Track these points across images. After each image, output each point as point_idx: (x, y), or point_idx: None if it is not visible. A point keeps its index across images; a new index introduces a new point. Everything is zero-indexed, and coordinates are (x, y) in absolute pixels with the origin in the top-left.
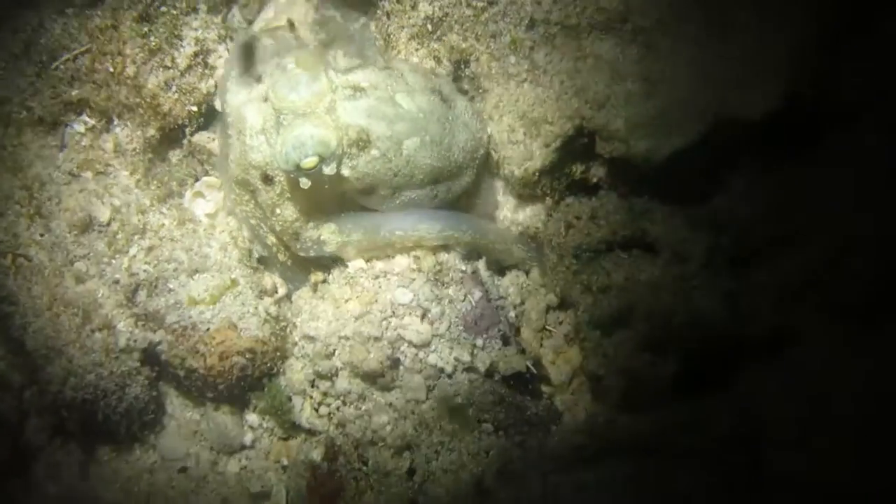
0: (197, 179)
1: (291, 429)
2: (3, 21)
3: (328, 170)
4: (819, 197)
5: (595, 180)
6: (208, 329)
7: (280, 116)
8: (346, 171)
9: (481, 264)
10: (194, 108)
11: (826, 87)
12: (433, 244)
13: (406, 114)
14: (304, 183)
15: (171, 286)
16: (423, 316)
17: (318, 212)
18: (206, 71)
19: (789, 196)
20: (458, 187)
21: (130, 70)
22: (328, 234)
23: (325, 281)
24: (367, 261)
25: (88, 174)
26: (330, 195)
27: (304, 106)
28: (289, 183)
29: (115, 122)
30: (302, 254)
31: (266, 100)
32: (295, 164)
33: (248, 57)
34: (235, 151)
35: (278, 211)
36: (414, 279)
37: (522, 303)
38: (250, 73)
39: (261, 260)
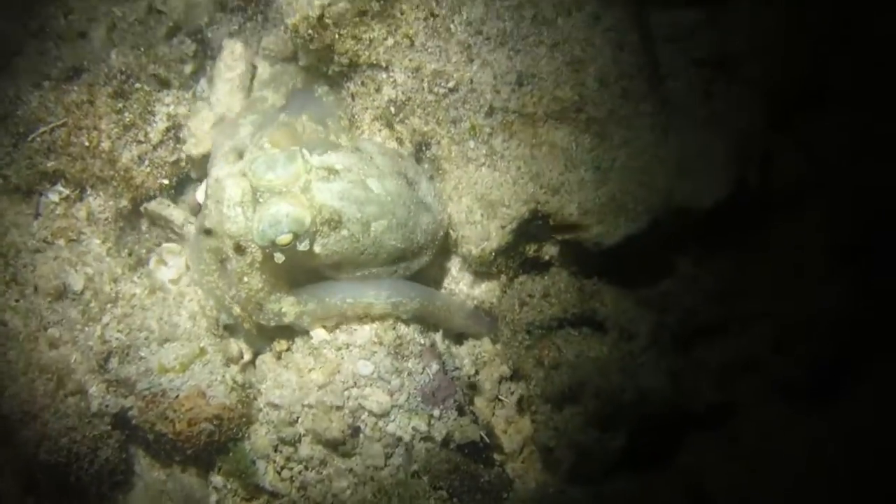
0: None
1: (255, 491)
2: None
3: (301, 246)
4: (761, 282)
5: (547, 258)
6: (178, 396)
7: (257, 193)
8: (317, 249)
9: (438, 337)
10: (165, 181)
11: (770, 172)
12: (381, 311)
13: (376, 197)
14: (279, 257)
15: (142, 354)
16: (383, 387)
17: (284, 284)
18: (178, 145)
19: (733, 280)
20: (416, 265)
21: (105, 144)
22: (287, 307)
23: (288, 349)
24: (331, 332)
25: (62, 242)
26: (298, 269)
27: (281, 185)
28: (261, 255)
29: (88, 192)
30: (263, 323)
31: (245, 175)
32: (271, 240)
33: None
34: (212, 219)
35: (246, 279)
36: (375, 352)
37: (477, 373)
38: (234, 146)
39: (227, 327)
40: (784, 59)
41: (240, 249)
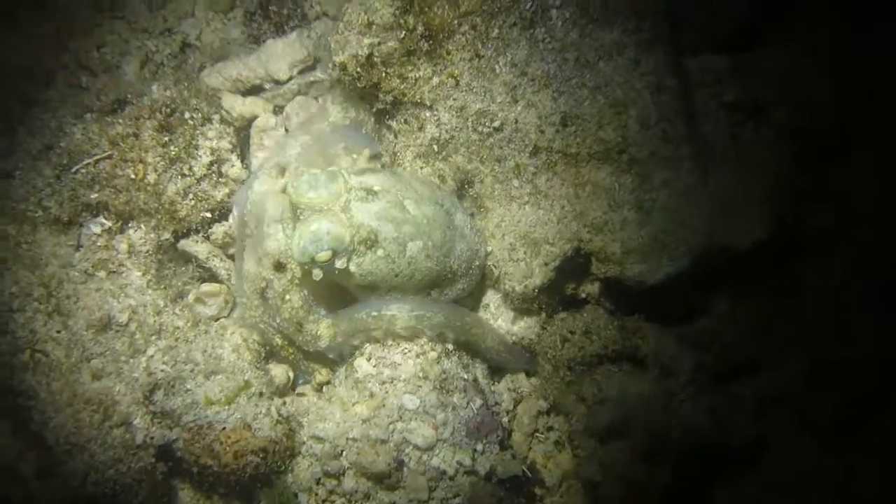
0: (198, 282)
1: None
2: (16, 122)
3: (339, 263)
4: (794, 322)
5: (584, 296)
6: (224, 428)
7: (298, 211)
8: (352, 268)
9: (479, 373)
10: (208, 215)
11: (802, 217)
12: (405, 324)
13: (412, 218)
14: (317, 274)
15: (188, 386)
16: (428, 421)
17: (322, 304)
18: (221, 179)
19: (767, 318)
20: (451, 294)
21: (152, 177)
22: (323, 329)
23: (328, 382)
24: (374, 366)
25: (102, 273)
26: (333, 291)
27: (322, 203)
28: (300, 272)
29: (130, 224)
30: (303, 346)
31: (285, 192)
32: (311, 257)
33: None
34: (252, 242)
35: (287, 297)
36: (420, 386)
37: (515, 408)
38: (279, 162)
39: (269, 358)
40: (809, 105)
41: (280, 267)
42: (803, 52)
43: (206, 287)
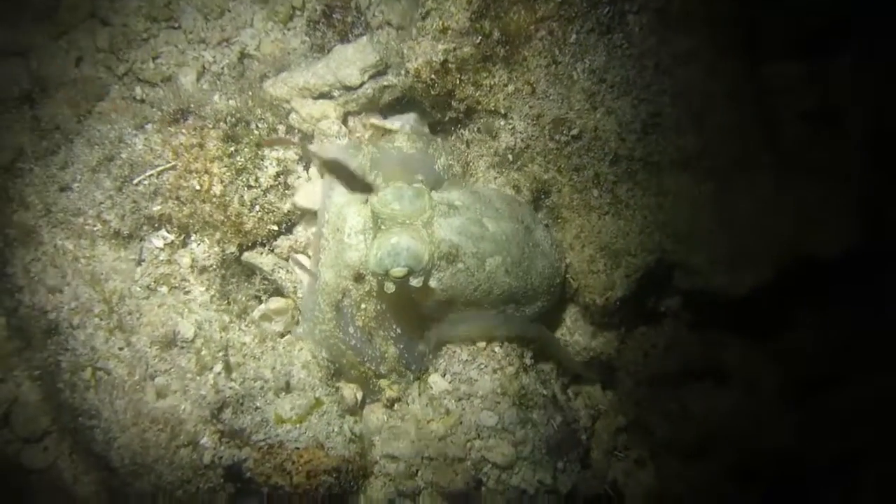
0: (266, 296)
1: None
2: (73, 133)
3: (415, 282)
4: (881, 333)
5: (663, 310)
6: (296, 448)
7: (379, 221)
8: (432, 283)
9: (557, 388)
10: (275, 227)
11: (887, 226)
12: (507, 333)
13: (491, 235)
14: (389, 287)
15: (257, 404)
16: (508, 439)
17: (398, 319)
18: (287, 191)
19: (853, 331)
20: (529, 311)
21: (217, 188)
22: (391, 352)
23: (399, 399)
24: (450, 382)
25: (165, 289)
26: (410, 305)
27: (405, 217)
28: (378, 285)
29: (192, 238)
30: (369, 365)
31: (367, 202)
32: (385, 269)
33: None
34: (330, 253)
35: (363, 306)
36: (499, 402)
37: (593, 424)
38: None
39: (337, 376)
40: (888, 111)
41: (359, 278)
42: (878, 57)
43: (274, 304)
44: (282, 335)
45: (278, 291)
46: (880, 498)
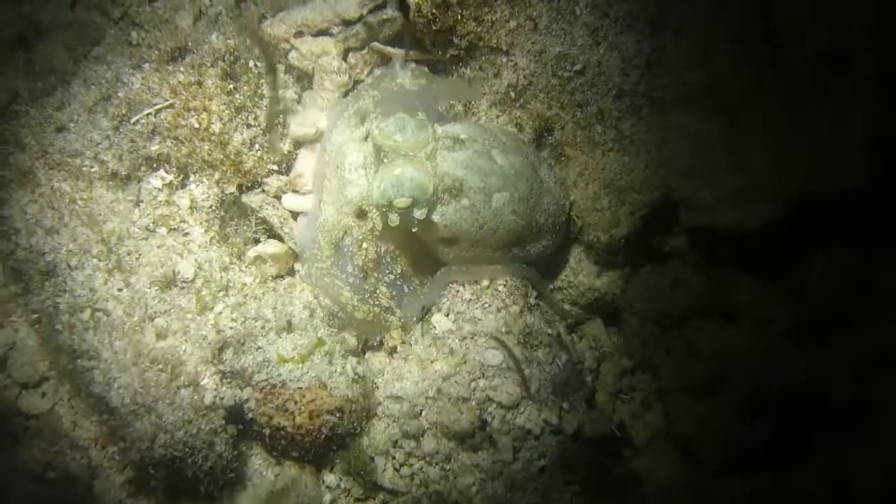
0: (256, 241)
1: (372, 489)
2: (69, 75)
3: (418, 213)
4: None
5: (667, 250)
6: (299, 387)
7: (381, 154)
8: (436, 218)
9: (562, 328)
10: (274, 167)
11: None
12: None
13: (499, 169)
14: (393, 220)
15: (259, 344)
16: (513, 378)
17: (403, 255)
18: (285, 130)
19: (867, 272)
20: (535, 250)
21: (216, 126)
22: (383, 292)
23: (403, 342)
24: (454, 322)
25: (164, 230)
26: (413, 243)
27: (408, 148)
28: (381, 223)
29: (191, 178)
30: (363, 300)
31: (367, 139)
32: (389, 200)
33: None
34: (331, 190)
35: (364, 245)
36: (504, 341)
37: (597, 367)
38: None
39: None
40: None
41: (361, 214)
42: None
43: (271, 248)
44: (281, 277)
45: (277, 235)
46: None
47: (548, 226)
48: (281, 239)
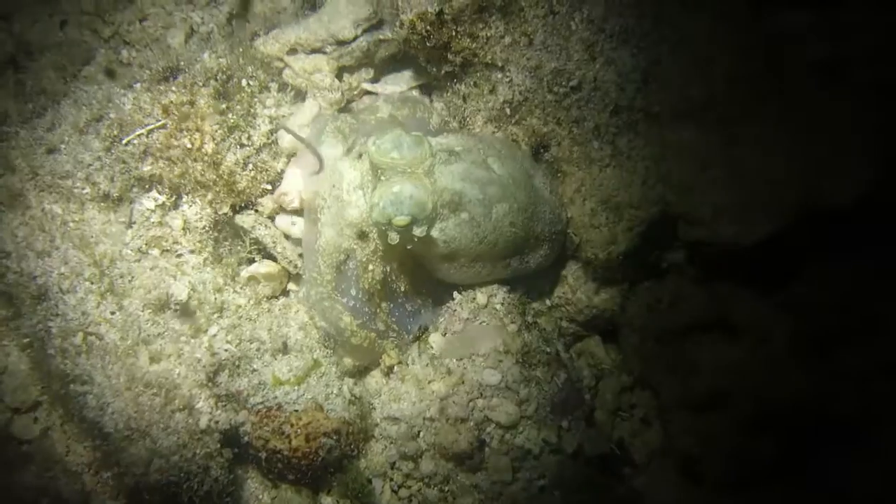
0: (251, 262)
1: None
2: (60, 95)
3: (418, 231)
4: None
5: (666, 265)
6: (295, 410)
7: (378, 171)
8: (434, 233)
9: (560, 346)
10: (268, 186)
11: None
12: None
13: (497, 178)
14: (392, 238)
15: (254, 366)
16: (511, 397)
17: (403, 274)
18: (278, 149)
19: (869, 284)
20: (533, 261)
21: (209, 147)
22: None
23: (400, 363)
24: (450, 342)
25: (156, 251)
26: (413, 263)
27: (405, 165)
28: (384, 244)
29: (184, 199)
30: (368, 325)
31: (361, 157)
32: (388, 219)
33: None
34: (330, 211)
35: (370, 267)
36: (501, 360)
37: (596, 385)
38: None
39: (330, 341)
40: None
41: (363, 236)
42: (891, 6)
43: (264, 268)
44: (275, 297)
45: (270, 255)
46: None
47: (545, 235)
48: (274, 259)
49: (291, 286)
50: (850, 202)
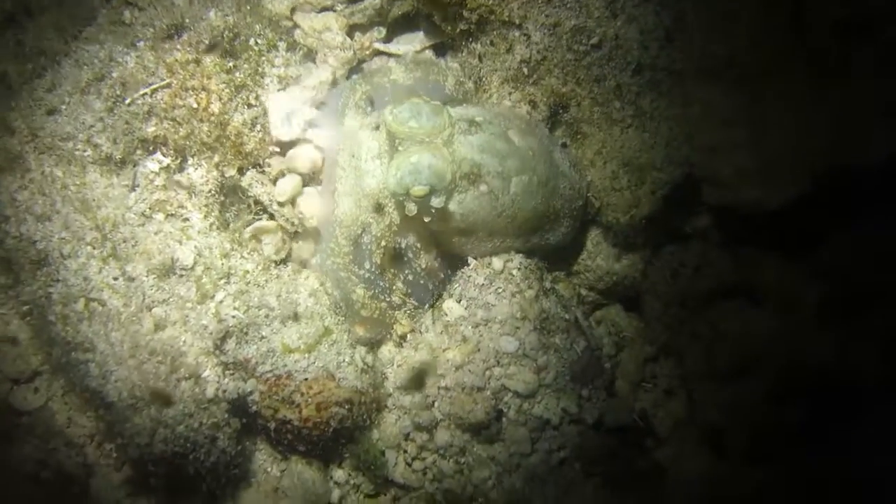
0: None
1: (382, 485)
2: (60, 55)
3: (436, 202)
4: None
5: (690, 230)
6: (305, 378)
7: (396, 141)
8: (452, 206)
9: (579, 313)
10: (276, 149)
11: None
12: None
13: (517, 151)
14: (410, 209)
15: (263, 333)
16: (529, 365)
17: (421, 250)
18: None
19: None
20: (553, 238)
21: (216, 106)
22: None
23: (413, 330)
24: (467, 308)
25: (160, 216)
26: (431, 236)
27: (423, 135)
28: (400, 216)
29: (189, 161)
30: (380, 297)
31: (379, 127)
32: (406, 189)
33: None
34: (348, 180)
35: (383, 243)
36: (519, 327)
37: (617, 354)
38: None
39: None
40: None
41: (379, 209)
42: None
43: (261, 223)
44: (283, 263)
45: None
46: None
47: (565, 211)
48: (272, 217)
49: (295, 246)
50: (874, 163)
